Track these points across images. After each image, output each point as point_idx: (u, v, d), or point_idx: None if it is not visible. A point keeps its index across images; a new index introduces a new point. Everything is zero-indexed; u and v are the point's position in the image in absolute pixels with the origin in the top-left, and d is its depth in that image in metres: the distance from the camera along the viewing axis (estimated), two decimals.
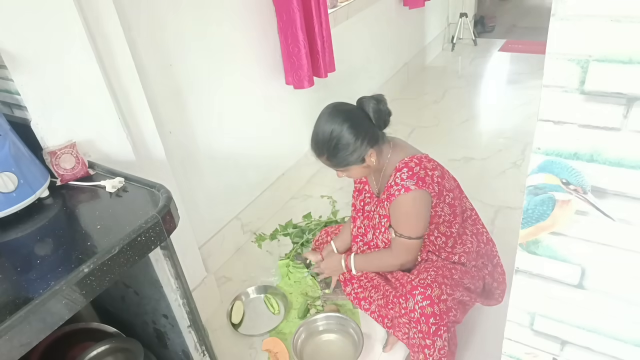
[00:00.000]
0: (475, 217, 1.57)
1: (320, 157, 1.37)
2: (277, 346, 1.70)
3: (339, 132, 1.30)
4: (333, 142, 1.31)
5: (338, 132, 1.30)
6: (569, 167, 0.65)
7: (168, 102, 1.71)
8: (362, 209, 1.59)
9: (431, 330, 1.31)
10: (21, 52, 1.06)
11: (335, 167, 1.39)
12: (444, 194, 1.41)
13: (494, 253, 1.59)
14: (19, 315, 0.74)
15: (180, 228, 1.07)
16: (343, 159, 1.34)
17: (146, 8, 1.55)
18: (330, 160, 1.36)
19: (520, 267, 0.78)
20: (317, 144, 1.35)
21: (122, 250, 0.88)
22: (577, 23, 0.55)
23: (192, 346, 1.22)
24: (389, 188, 1.38)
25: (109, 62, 1.29)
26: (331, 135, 1.31)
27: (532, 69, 3.85)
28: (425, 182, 1.34)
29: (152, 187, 1.06)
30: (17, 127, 1.09)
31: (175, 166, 1.74)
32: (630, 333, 0.74)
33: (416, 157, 1.37)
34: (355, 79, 3.02)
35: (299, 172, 2.63)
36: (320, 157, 1.37)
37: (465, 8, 4.44)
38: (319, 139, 1.34)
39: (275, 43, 2.21)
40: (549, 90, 0.61)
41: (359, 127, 1.31)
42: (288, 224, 2.28)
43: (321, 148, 1.34)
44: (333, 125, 1.31)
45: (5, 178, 0.97)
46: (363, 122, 1.33)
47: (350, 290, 1.64)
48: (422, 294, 1.31)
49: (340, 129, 1.30)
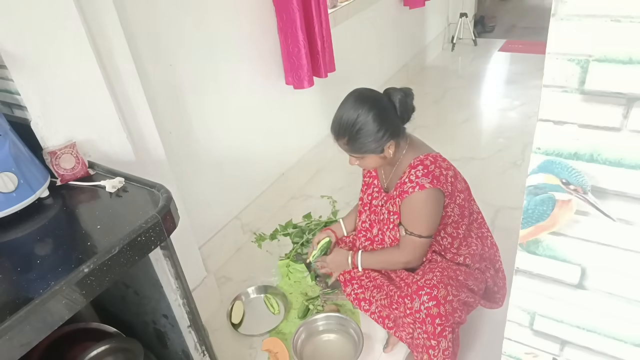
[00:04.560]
0: (481, 220, 1.57)
1: (340, 139, 1.35)
2: (277, 346, 1.70)
3: (364, 118, 1.29)
4: (357, 127, 1.30)
5: (364, 119, 1.29)
6: (569, 167, 0.65)
7: (168, 102, 1.71)
8: (370, 203, 1.58)
9: (436, 330, 1.31)
10: (21, 52, 1.06)
11: (353, 152, 1.37)
12: (455, 194, 1.40)
13: (497, 258, 1.59)
14: (19, 315, 0.74)
15: (180, 228, 1.07)
16: (363, 146, 1.33)
17: (146, 8, 1.55)
18: (350, 144, 1.34)
19: (520, 267, 0.78)
20: (341, 126, 1.33)
21: (122, 250, 0.88)
22: (577, 23, 0.55)
23: (192, 346, 1.22)
24: (402, 185, 1.37)
25: (109, 62, 1.29)
26: (356, 120, 1.29)
27: (532, 69, 3.85)
28: (439, 180, 1.33)
29: (152, 187, 1.06)
30: (17, 127, 1.08)
31: (175, 166, 1.74)
32: (630, 333, 0.74)
33: (431, 156, 1.37)
34: (356, 79, 3.01)
35: (299, 172, 2.63)
36: (340, 139, 1.35)
37: (465, 8, 4.44)
38: (342, 121, 1.32)
39: (275, 43, 2.21)
40: (549, 90, 0.61)
41: (384, 117, 1.31)
42: (288, 224, 2.29)
43: (344, 131, 1.32)
44: (359, 111, 1.29)
45: (5, 178, 0.97)
46: (389, 113, 1.33)
47: (350, 291, 1.63)
48: (429, 295, 1.30)
49: (367, 116, 1.29)
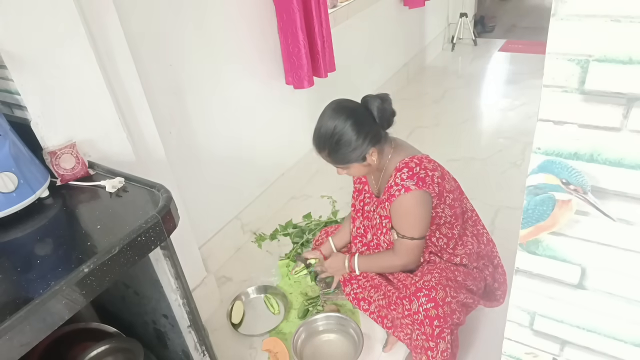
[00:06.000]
0: (476, 218, 1.57)
1: (322, 152, 1.37)
2: (277, 346, 1.70)
3: (341, 128, 1.30)
4: (335, 138, 1.31)
5: (341, 129, 1.30)
6: (569, 167, 0.65)
7: (168, 102, 1.71)
8: (362, 209, 1.59)
9: (435, 332, 1.31)
10: (21, 52, 1.06)
11: (336, 163, 1.38)
12: (444, 195, 1.40)
13: (494, 254, 1.59)
14: (19, 315, 0.74)
15: (180, 228, 1.07)
16: (344, 156, 1.34)
17: (146, 8, 1.55)
18: (331, 156, 1.35)
19: (520, 267, 0.78)
20: (320, 139, 1.34)
21: (122, 250, 0.88)
22: (577, 23, 0.55)
23: (192, 346, 1.22)
24: (389, 188, 1.38)
25: (109, 62, 1.29)
26: (334, 131, 1.30)
27: (532, 69, 3.85)
28: (425, 182, 1.33)
29: (152, 187, 1.06)
30: (17, 127, 1.08)
31: (175, 166, 1.74)
32: (630, 333, 0.74)
33: (416, 158, 1.37)
34: (356, 79, 3.02)
35: (299, 172, 2.63)
36: (322, 152, 1.37)
37: (465, 8, 4.44)
38: (321, 134, 1.33)
39: (275, 43, 2.21)
40: (549, 90, 0.61)
41: (361, 125, 1.31)
42: (288, 224, 2.29)
43: (323, 143, 1.34)
44: (336, 122, 1.30)
45: (5, 178, 0.97)
46: (366, 120, 1.33)
47: (349, 291, 1.64)
48: (427, 297, 1.31)
49: (343, 126, 1.30)
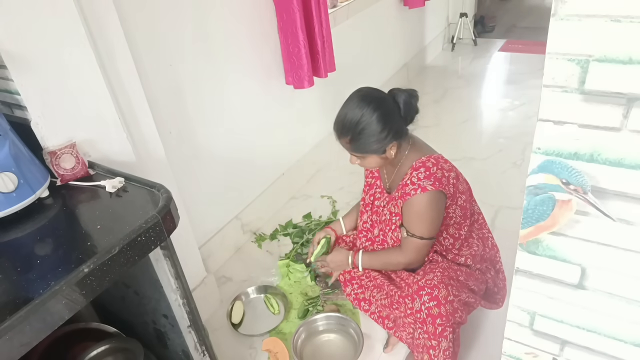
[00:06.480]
0: (482, 221, 1.57)
1: (342, 138, 1.35)
2: (277, 346, 1.70)
3: (368, 118, 1.29)
4: (360, 126, 1.29)
5: (368, 119, 1.29)
6: (569, 167, 0.65)
7: (168, 102, 1.71)
8: (372, 204, 1.58)
9: (437, 331, 1.31)
10: (21, 52, 1.06)
11: (354, 151, 1.36)
12: (457, 195, 1.40)
13: (497, 259, 1.59)
14: (19, 315, 0.74)
15: (180, 228, 1.07)
16: (365, 146, 1.32)
17: (146, 8, 1.55)
18: (352, 143, 1.34)
19: (520, 267, 0.78)
20: (344, 125, 1.32)
21: (122, 250, 0.88)
22: (577, 23, 0.55)
23: (192, 346, 1.22)
24: (404, 186, 1.37)
25: (109, 62, 1.29)
26: (360, 119, 1.29)
27: (532, 69, 3.85)
28: (442, 182, 1.33)
29: (152, 187, 1.06)
30: (17, 127, 1.08)
31: (175, 166, 1.74)
32: (630, 333, 0.74)
33: (433, 157, 1.37)
34: (356, 79, 3.01)
35: (299, 172, 2.63)
36: (342, 138, 1.35)
37: (465, 8, 4.44)
38: (346, 120, 1.31)
39: (275, 43, 2.21)
40: (549, 90, 0.61)
41: (388, 118, 1.30)
42: (288, 224, 2.29)
43: (347, 130, 1.32)
44: (364, 110, 1.29)
45: (5, 178, 0.97)
46: (393, 114, 1.32)
47: (350, 291, 1.63)
48: (429, 295, 1.30)
49: (371, 116, 1.28)
